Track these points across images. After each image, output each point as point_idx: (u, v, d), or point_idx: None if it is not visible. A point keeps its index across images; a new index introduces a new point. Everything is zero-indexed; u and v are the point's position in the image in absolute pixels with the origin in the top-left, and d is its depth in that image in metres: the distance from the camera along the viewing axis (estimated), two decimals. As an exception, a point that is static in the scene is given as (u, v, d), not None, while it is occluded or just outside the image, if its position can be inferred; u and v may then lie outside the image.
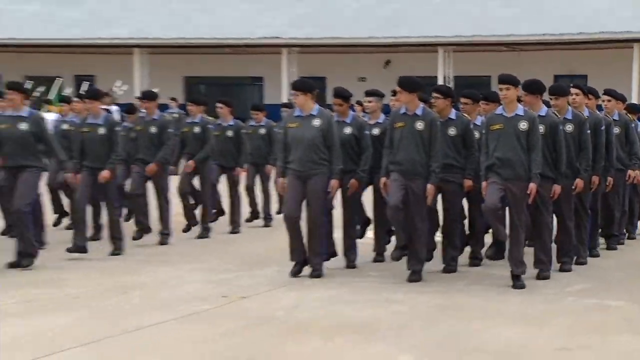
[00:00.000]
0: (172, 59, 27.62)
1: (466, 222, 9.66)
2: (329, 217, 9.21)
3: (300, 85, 8.88)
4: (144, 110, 11.49)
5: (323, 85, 9.63)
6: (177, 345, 6.48)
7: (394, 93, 9.67)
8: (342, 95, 9.48)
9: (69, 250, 9.63)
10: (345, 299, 8.00)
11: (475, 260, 9.59)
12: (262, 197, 13.20)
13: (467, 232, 9.71)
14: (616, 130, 10.08)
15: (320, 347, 6.37)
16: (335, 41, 26.14)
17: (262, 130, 12.95)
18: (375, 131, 9.49)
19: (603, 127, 9.53)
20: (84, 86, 21.91)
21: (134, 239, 10.87)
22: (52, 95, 21.90)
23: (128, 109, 13.67)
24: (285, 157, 8.92)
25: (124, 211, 11.72)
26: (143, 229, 11.05)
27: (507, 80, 8.22)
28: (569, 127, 9.08)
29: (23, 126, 8.99)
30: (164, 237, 11.00)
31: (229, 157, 12.34)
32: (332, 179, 8.60)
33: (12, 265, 9.10)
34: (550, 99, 9.38)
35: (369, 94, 10.08)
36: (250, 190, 12.69)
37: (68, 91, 22.41)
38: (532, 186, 8.02)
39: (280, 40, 26.52)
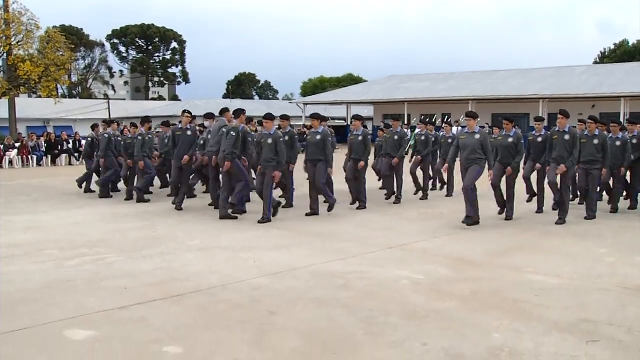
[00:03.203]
0: (486, 105, 35.63)
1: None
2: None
3: (471, 114, 9.65)
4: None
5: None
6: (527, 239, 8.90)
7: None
8: (508, 119, 10.40)
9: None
10: (573, 221, 9.72)
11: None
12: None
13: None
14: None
15: (562, 242, 8.22)
16: (567, 95, 32.53)
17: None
18: (539, 139, 10.68)
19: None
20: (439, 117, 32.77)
21: None
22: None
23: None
24: (455, 155, 10.00)
25: None
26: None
27: None
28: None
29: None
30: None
31: None
32: (485, 167, 9.56)
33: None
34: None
35: (537, 119, 10.99)
36: None
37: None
38: None
39: (539, 95, 32.46)
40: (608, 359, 4.21)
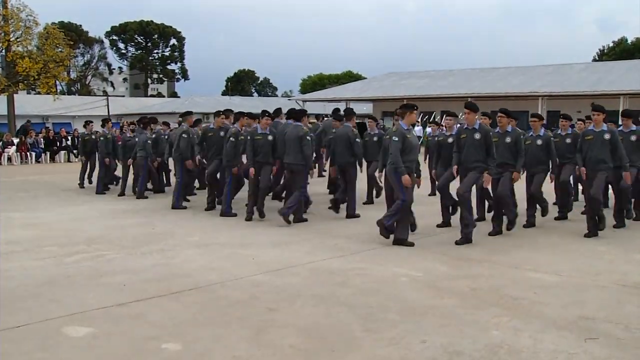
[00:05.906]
0: (485, 102, 34.20)
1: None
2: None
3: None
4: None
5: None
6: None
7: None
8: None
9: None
10: (571, 219, 9.77)
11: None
12: None
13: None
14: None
15: (560, 239, 8.26)
16: (566, 93, 32.92)
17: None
18: (450, 140, 8.99)
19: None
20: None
21: None
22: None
23: None
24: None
25: None
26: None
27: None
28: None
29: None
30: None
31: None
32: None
33: None
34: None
35: (448, 114, 9.45)
36: None
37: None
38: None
39: (538, 92, 32.77)
40: (606, 356, 4.22)
